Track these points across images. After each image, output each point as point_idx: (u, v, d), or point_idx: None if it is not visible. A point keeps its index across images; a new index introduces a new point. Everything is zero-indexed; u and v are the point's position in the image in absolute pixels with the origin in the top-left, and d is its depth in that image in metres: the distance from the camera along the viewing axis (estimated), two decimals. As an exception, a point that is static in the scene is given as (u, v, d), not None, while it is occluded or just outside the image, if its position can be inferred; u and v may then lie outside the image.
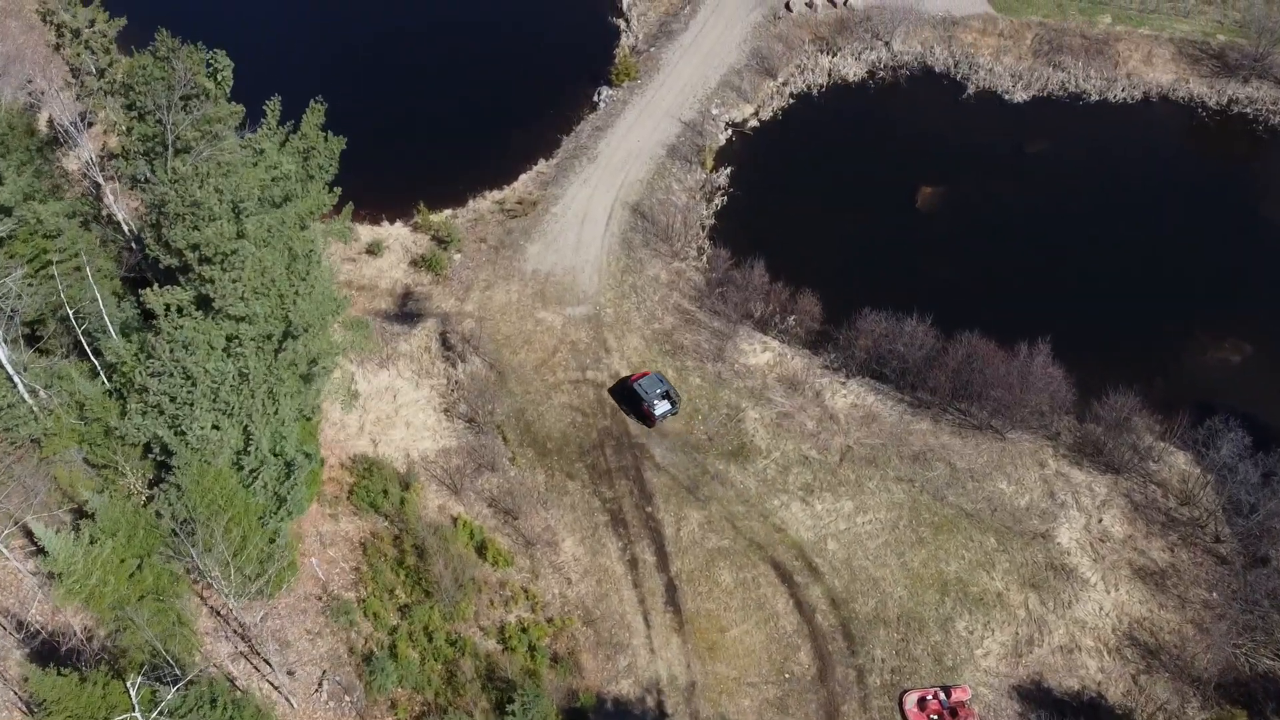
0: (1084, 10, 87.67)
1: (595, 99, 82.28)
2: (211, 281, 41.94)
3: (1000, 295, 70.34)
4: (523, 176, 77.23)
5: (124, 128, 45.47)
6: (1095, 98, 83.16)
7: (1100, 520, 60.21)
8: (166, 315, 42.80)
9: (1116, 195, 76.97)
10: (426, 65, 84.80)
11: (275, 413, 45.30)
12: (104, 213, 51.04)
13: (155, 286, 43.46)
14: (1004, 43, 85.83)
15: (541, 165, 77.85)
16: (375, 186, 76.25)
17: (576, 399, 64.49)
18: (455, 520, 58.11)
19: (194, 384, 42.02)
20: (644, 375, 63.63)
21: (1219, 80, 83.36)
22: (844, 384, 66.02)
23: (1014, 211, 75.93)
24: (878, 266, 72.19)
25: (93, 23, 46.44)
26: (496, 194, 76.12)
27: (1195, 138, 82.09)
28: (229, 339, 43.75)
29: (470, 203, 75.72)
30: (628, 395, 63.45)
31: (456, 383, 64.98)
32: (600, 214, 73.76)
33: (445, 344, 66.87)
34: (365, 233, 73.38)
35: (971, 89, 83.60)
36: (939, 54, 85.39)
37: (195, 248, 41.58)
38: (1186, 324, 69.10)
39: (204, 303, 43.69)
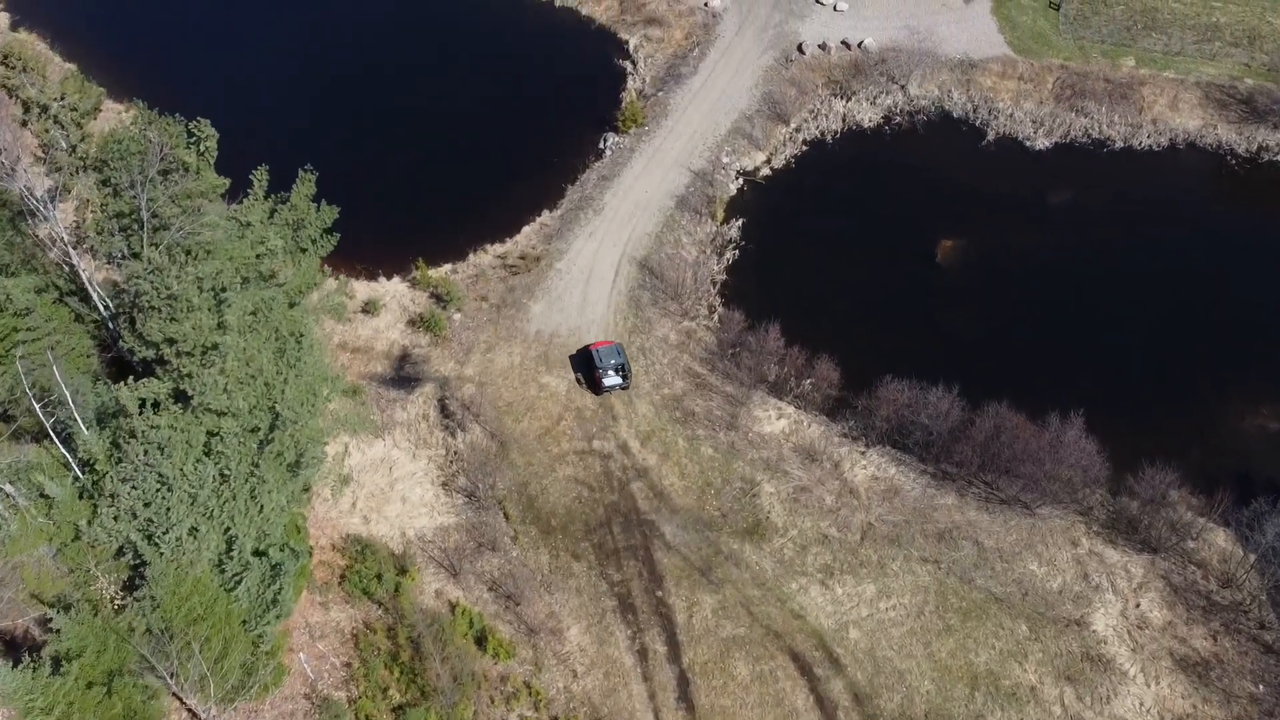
0: (1106, 53, 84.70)
1: (601, 146, 79.20)
2: (190, 376, 38.75)
3: (1026, 357, 67.05)
4: (525, 229, 74.07)
5: (98, 204, 42.35)
6: (1120, 144, 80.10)
7: (1138, 605, 56.79)
8: (141, 413, 39.59)
9: (1144, 248, 73.89)
10: (425, 111, 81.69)
11: (260, 511, 42.03)
12: (79, 287, 47.89)
13: (129, 380, 40.26)
14: (1024, 86, 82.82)
15: (545, 217, 74.70)
16: (372, 239, 73.46)
17: (582, 471, 61.14)
18: (454, 607, 54.68)
19: (169, 489, 38.80)
20: (606, 344, 64.57)
21: (1248, 126, 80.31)
22: (864, 454, 62.70)
23: (1038, 266, 72.71)
24: (898, 325, 68.93)
25: (63, 97, 43.49)
26: (498, 247, 72.95)
27: (1225, 187, 79.00)
28: (209, 435, 40.53)
29: (471, 257, 72.51)
30: (585, 360, 64.51)
31: (456, 453, 61.66)
32: (607, 270, 70.55)
33: (444, 411, 63.57)
34: (361, 289, 70.19)
35: (991, 135, 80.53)
36: (957, 98, 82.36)
37: (172, 342, 38.44)
38: (1221, 387, 65.82)
39: (183, 396, 40.52)
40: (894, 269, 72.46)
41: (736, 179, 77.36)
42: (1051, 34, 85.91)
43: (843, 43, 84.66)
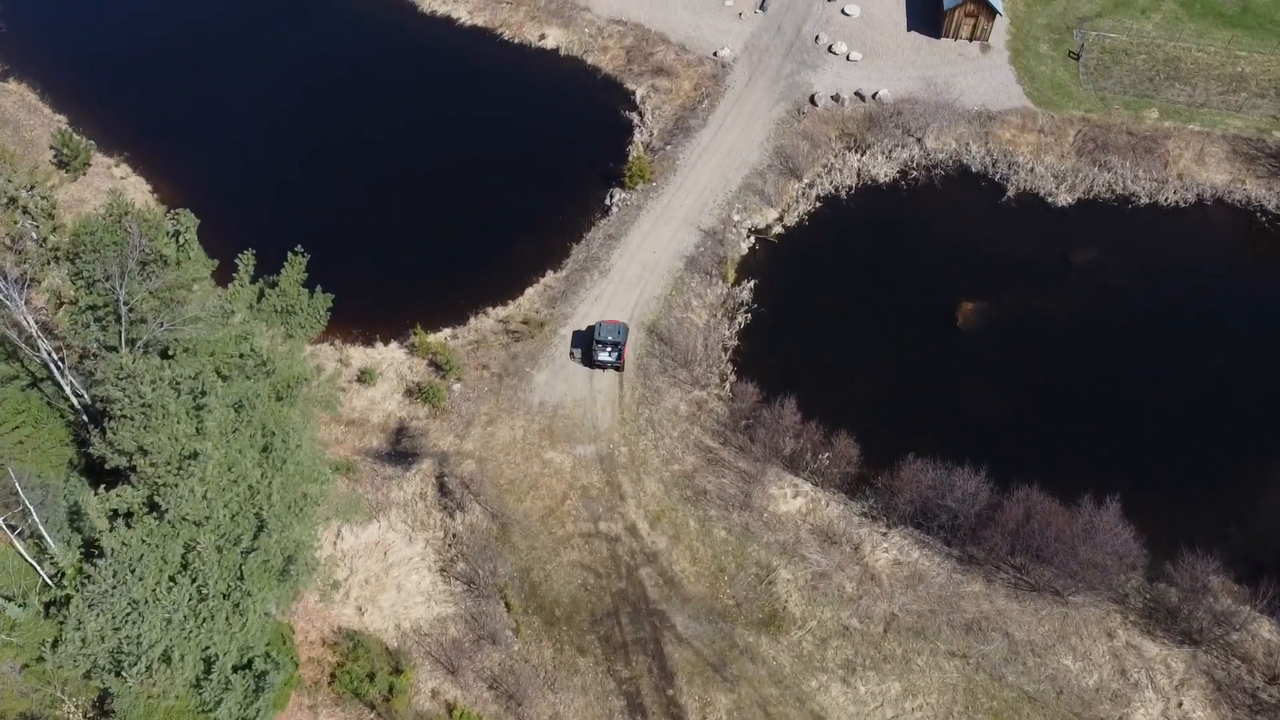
0: (1129, 104, 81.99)
1: (607, 203, 76.38)
2: (166, 487, 35.69)
3: (1054, 430, 63.88)
4: (529, 291, 71.11)
5: (71, 297, 39.45)
6: (1145, 200, 77.23)
7: (1180, 704, 53.34)
8: (112, 528, 36.47)
9: (1174, 312, 70.94)
10: (425, 166, 78.84)
11: (243, 626, 38.80)
12: (53, 375, 44.88)
13: (101, 489, 37.18)
14: (1045, 140, 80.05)
15: (549, 278, 71.75)
16: (369, 301, 70.69)
17: (588, 556, 57.85)
18: (451, 709, 51.27)
19: (141, 614, 35.61)
20: (614, 322, 65.43)
21: (1278, 181, 77.45)
22: (885, 535, 59.43)
23: (1062, 330, 69.70)
24: (918, 395, 65.84)
25: (32, 187, 40.69)
26: (500, 310, 69.96)
27: (1256, 245, 76.04)
28: (186, 548, 37.37)
29: (471, 321, 69.52)
30: (588, 335, 66.22)
31: (455, 536, 58.42)
32: (613, 337, 67.55)
33: (443, 490, 60.34)
34: (357, 356, 67.23)
35: (1011, 191, 77.67)
36: (975, 152, 79.56)
37: (145, 452, 35.41)
38: (1262, 463, 62.64)
39: (158, 505, 37.43)
40: (913, 333, 69.46)
41: (748, 238, 74.45)
42: (1072, 85, 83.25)
43: (856, 94, 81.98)
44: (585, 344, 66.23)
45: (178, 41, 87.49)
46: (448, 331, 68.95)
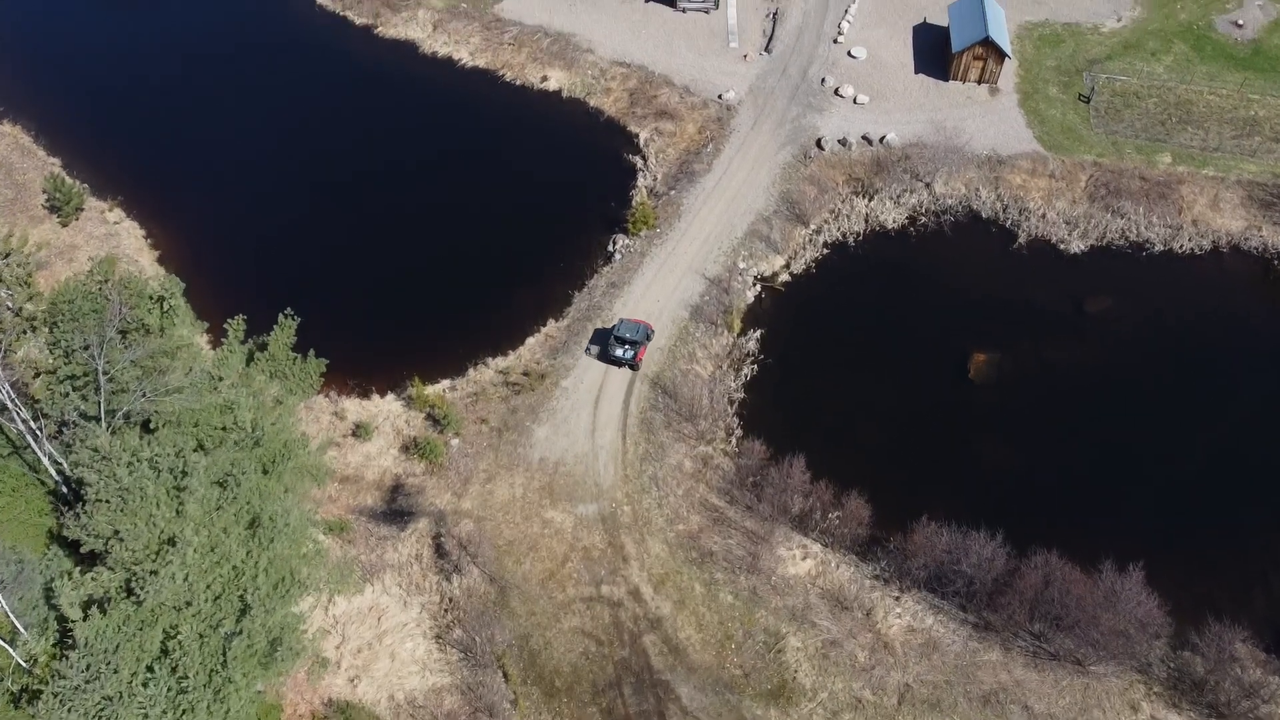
0: (1141, 149, 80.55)
1: (610, 249, 74.79)
2: (143, 576, 33.73)
3: (1071, 488, 61.85)
4: (529, 340, 69.34)
5: (49, 366, 37.70)
6: (1159, 248, 75.57)
7: (1208, 783, 51.01)
8: (86, 616, 34.46)
9: (1191, 363, 69.00)
10: (423, 212, 77.27)
11: (225, 715, 36.64)
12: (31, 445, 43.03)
13: (76, 572, 35.22)
14: (1056, 185, 78.54)
15: (551, 327, 70.00)
16: (366, 351, 69.10)
17: (590, 622, 55.67)
18: (446, 789, 49.03)
19: (117, 714, 33.52)
20: (638, 321, 66.03)
21: (1294, 228, 75.92)
22: (898, 599, 57.26)
23: (1077, 382, 67.80)
24: (930, 451, 63.80)
25: (7, 255, 39.05)
26: (500, 361, 68.16)
27: (1274, 293, 74.27)
28: (166, 635, 35.36)
29: (470, 372, 67.70)
30: (608, 330, 66.76)
31: (451, 600, 56.28)
32: (616, 390, 65.66)
33: (439, 551, 58.27)
34: (352, 409, 65.33)
35: (1023, 237, 76.05)
36: (985, 197, 78.05)
37: (122, 538, 33.51)
38: (1285, 522, 60.63)
39: (135, 591, 35.45)
40: (924, 385, 67.60)
41: (754, 286, 72.76)
42: (1082, 129, 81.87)
43: (864, 138, 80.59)
44: (603, 341, 66.29)
45: (176, 84, 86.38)
46: (446, 383, 67.13)
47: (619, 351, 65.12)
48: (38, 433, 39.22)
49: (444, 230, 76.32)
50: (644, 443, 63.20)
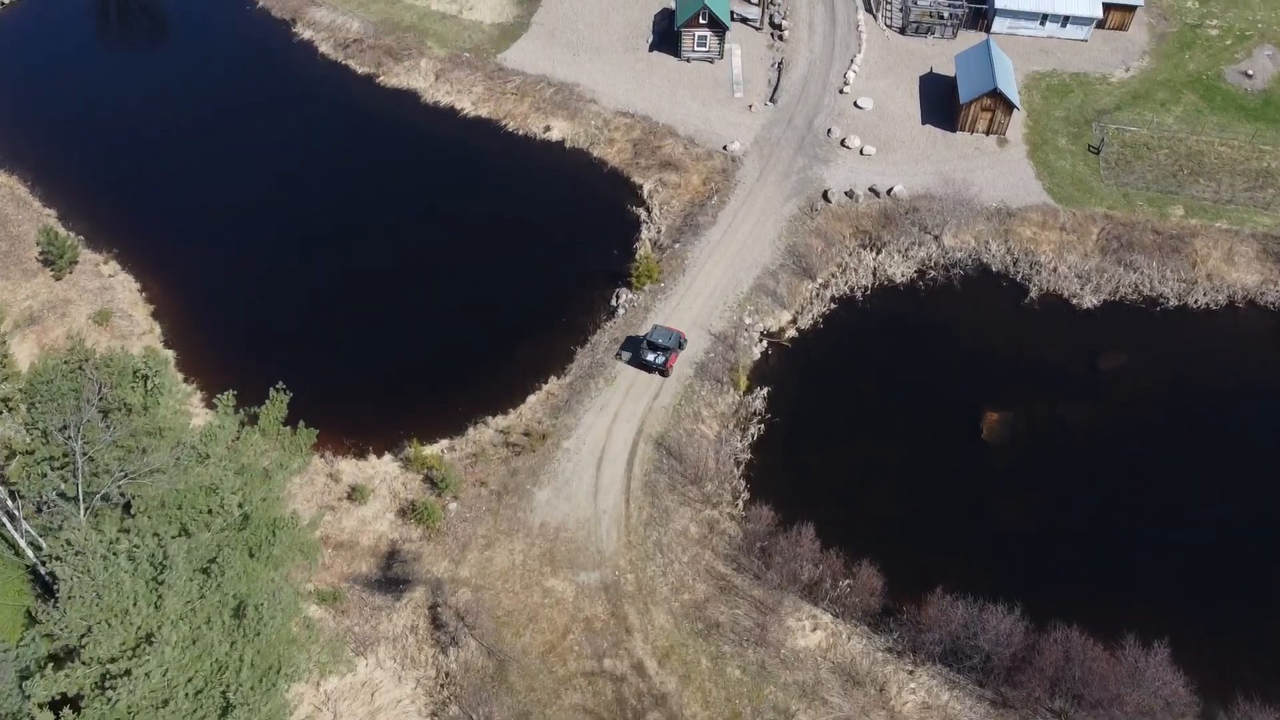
0: (1152, 201, 79.30)
1: (613, 303, 73.29)
2: (118, 676, 31.85)
3: (1090, 556, 59.95)
4: (530, 399, 67.62)
5: (26, 446, 36.05)
6: (1174, 302, 74.06)
7: None
8: (59, 717, 32.51)
9: (1211, 422, 67.19)
10: (422, 264, 75.89)
11: (204, 819, 34.53)
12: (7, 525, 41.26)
13: (49, 668, 33.33)
14: (1067, 238, 77.19)
15: (552, 384, 68.33)
16: (363, 409, 67.35)
17: (591, 698, 53.49)
18: None
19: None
20: (671, 329, 67.08)
21: (1311, 283, 74.43)
22: (912, 674, 55.08)
23: (1093, 443, 66.04)
24: (943, 516, 61.91)
25: (-16, 334, 37.51)
26: (500, 420, 66.38)
27: (1291, 350, 72.77)
28: (143, 736, 33.35)
29: (470, 431, 65.91)
30: (642, 335, 67.81)
31: (448, 675, 54.12)
32: (620, 450, 63.89)
33: (435, 622, 56.20)
34: (348, 470, 63.51)
35: (1034, 292, 74.56)
36: (995, 250, 76.67)
37: (95, 636, 31.66)
38: (1312, 592, 58.53)
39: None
40: (936, 446, 65.80)
41: (760, 342, 71.16)
42: (1093, 180, 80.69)
43: (871, 190, 79.39)
44: (635, 346, 67.54)
45: (175, 133, 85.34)
46: (445, 443, 65.32)
47: (650, 356, 66.08)
48: (14, 513, 37.50)
49: (445, 283, 74.92)
50: (648, 507, 61.31)
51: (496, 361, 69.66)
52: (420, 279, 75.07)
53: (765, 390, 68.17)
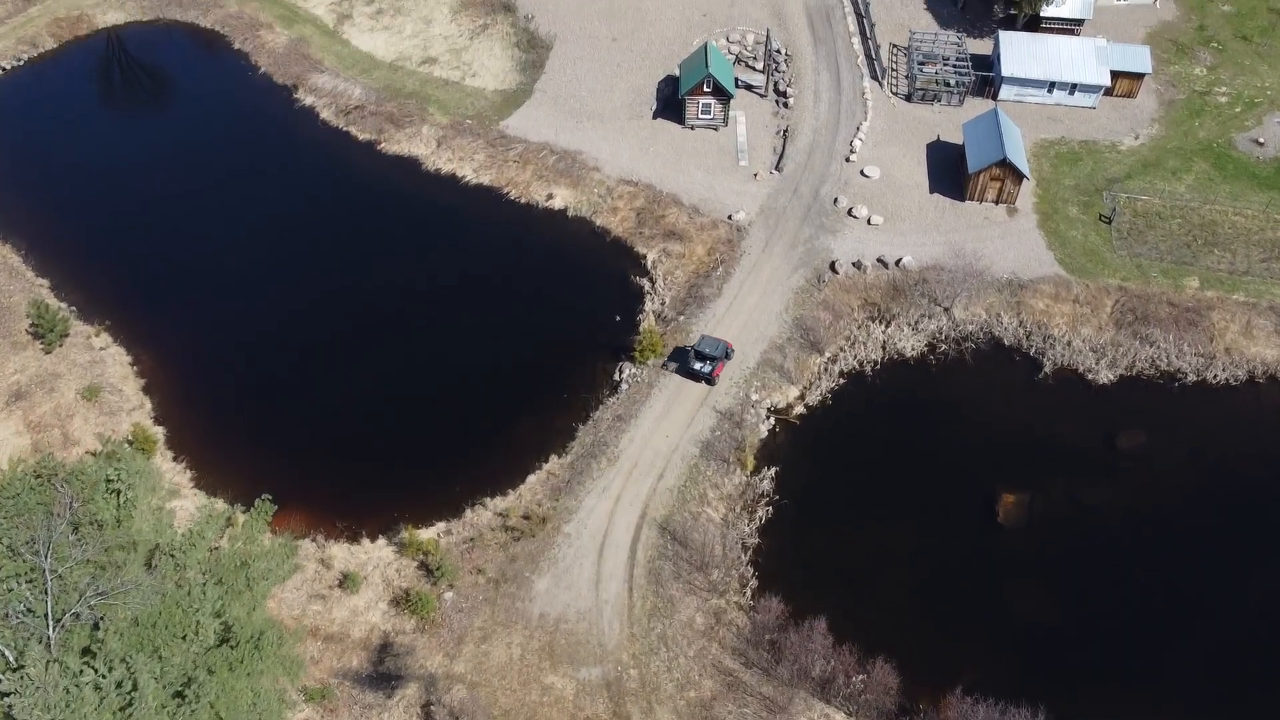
0: (1167, 272, 77.69)
1: (616, 378, 71.39)
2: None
3: (1113, 648, 57.30)
4: (530, 479, 65.43)
5: (-7, 562, 33.96)
6: (1192, 378, 72.08)
7: None
8: None
9: (1234, 504, 64.89)
10: (419, 335, 74.11)
11: None
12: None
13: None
14: (1080, 310, 75.43)
15: (553, 464, 66.18)
16: (357, 488, 65.32)
17: (592, 807, 50.72)
18: None
19: None
20: (719, 340, 69.22)
21: (1333, 357, 72.49)
22: (931, 779, 52.24)
23: (1113, 527, 63.71)
24: (961, 604, 59.44)
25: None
26: (499, 502, 64.13)
27: (1315, 428, 70.59)
28: None
29: (468, 513, 63.62)
30: (690, 346, 69.92)
31: (441, 780, 51.42)
32: (623, 535, 61.58)
33: (429, 722, 53.58)
34: (340, 556, 61.13)
35: (1048, 366, 72.62)
36: (1007, 323, 74.90)
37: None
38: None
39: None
40: (951, 530, 63.46)
41: (767, 419, 69.10)
42: (1105, 251, 79.16)
43: (879, 260, 77.83)
44: (683, 357, 69.59)
45: (172, 199, 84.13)
46: (441, 526, 63.03)
47: (697, 365, 68.19)
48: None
49: (443, 356, 73.09)
50: (652, 596, 58.84)
51: (496, 438, 67.61)
52: (418, 351, 73.26)
53: (773, 470, 65.97)
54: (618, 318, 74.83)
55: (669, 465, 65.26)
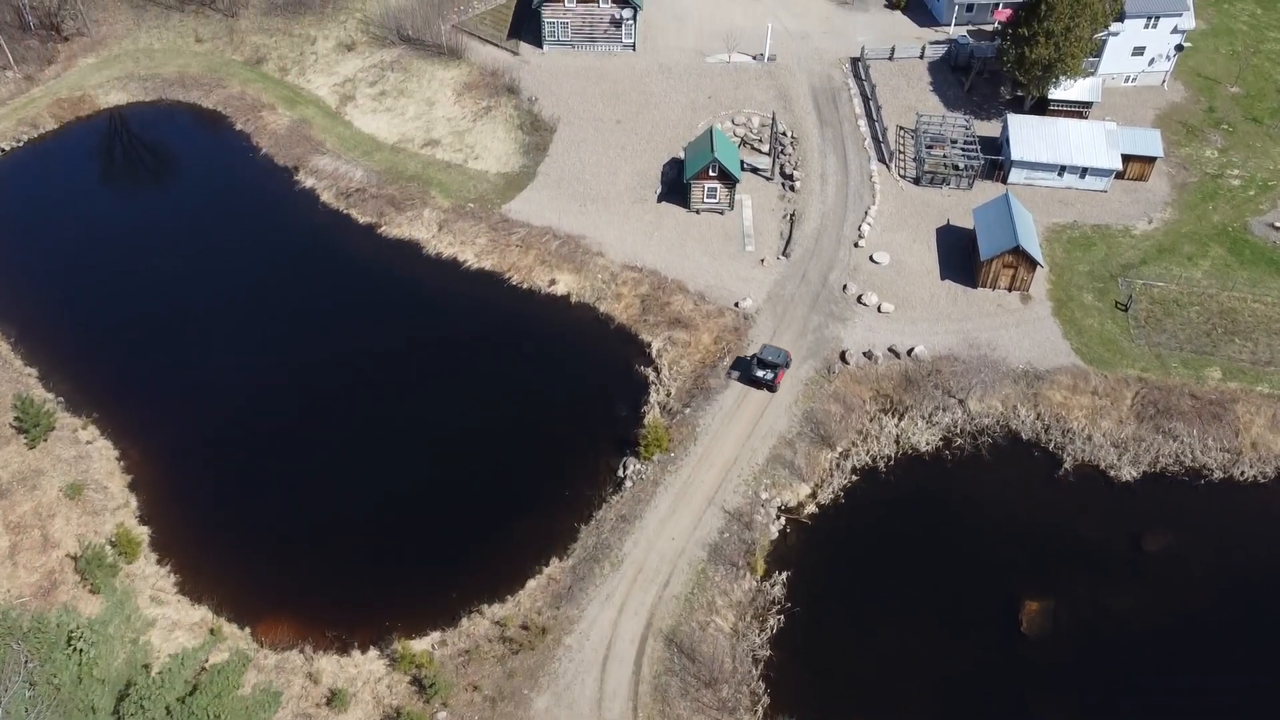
0: (1187, 362, 75.43)
1: (620, 474, 68.74)
2: None
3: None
4: (530, 584, 62.45)
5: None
6: (1218, 474, 69.40)
7: None
8: None
9: (1267, 610, 61.83)
10: (413, 428, 71.44)
11: None
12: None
13: None
14: (1100, 403, 73.01)
15: (554, 568, 63.23)
16: (348, 594, 62.34)
17: None
18: None
19: None
20: (780, 349, 73.53)
21: (1364, 453, 69.87)
22: None
23: (1142, 636, 60.62)
24: (984, 724, 56.20)
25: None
26: (497, 609, 61.05)
27: (1349, 529, 67.70)
28: None
29: (464, 622, 60.48)
30: (749, 358, 74.11)
31: None
32: (627, 649, 58.44)
33: None
34: (328, 670, 57.92)
35: (1069, 462, 69.99)
36: (1024, 416, 72.42)
37: None
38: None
39: None
40: (973, 641, 60.31)
41: (778, 519, 66.27)
42: (1123, 340, 77.01)
43: (890, 350, 75.67)
44: (745, 366, 73.45)
45: (166, 283, 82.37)
46: (435, 636, 59.88)
47: (760, 373, 72.07)
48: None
49: (441, 450, 70.50)
50: (658, 717, 55.49)
51: (494, 539, 64.79)
52: (415, 445, 70.65)
53: (784, 575, 62.98)
54: (623, 414, 72.54)
55: (675, 570, 62.35)
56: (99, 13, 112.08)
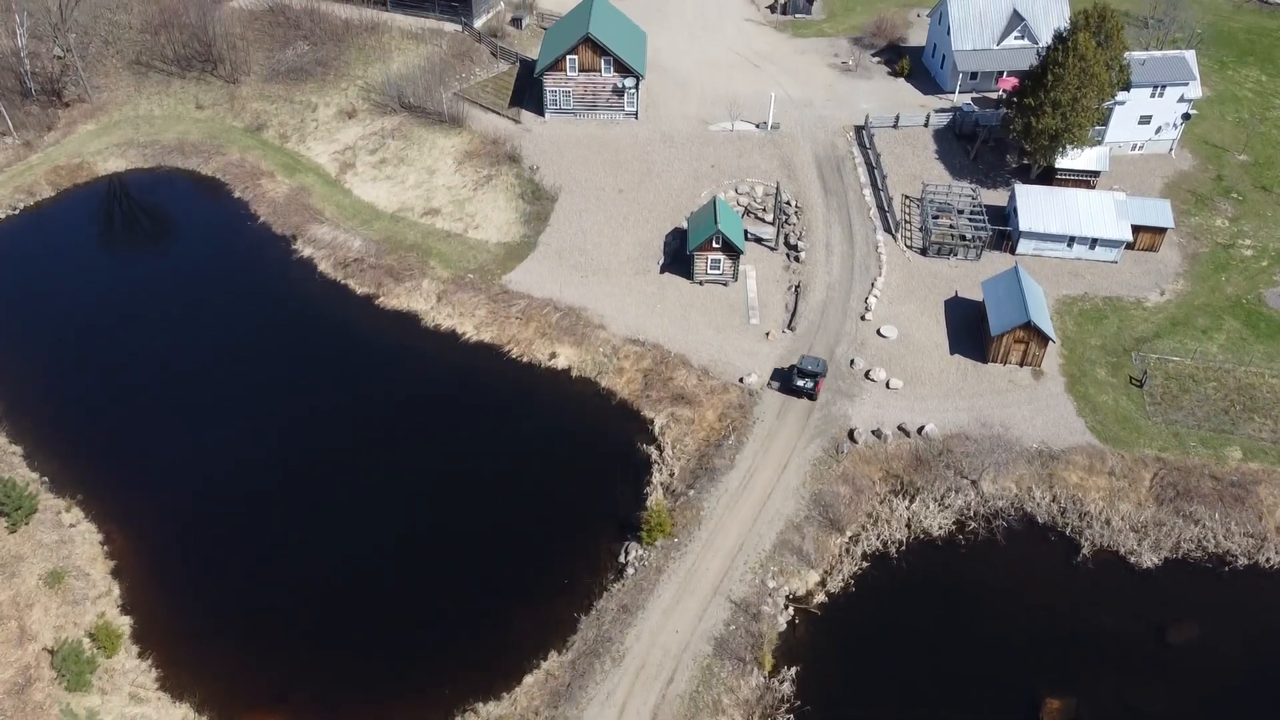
0: (1206, 441, 73.23)
1: (622, 560, 66.27)
2: None
3: None
4: (528, 679, 59.68)
5: None
6: (1243, 560, 66.88)
7: None
8: None
9: (1302, 711, 59.06)
10: (402, 509, 69.06)
11: None
12: None
13: None
14: (1117, 484, 70.71)
15: (552, 661, 60.52)
16: (336, 691, 59.58)
17: None
18: None
19: None
20: (818, 358, 75.28)
21: (1393, 538, 67.38)
22: None
23: (1172, 736, 57.77)
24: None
25: None
26: (493, 708, 58.21)
27: (1382, 620, 64.99)
28: None
29: (457, 722, 57.92)
30: (788, 369, 76.33)
31: None
32: (628, 753, 55.74)
33: None
34: (314, 775, 55.24)
35: (1086, 548, 67.49)
36: (1039, 498, 70.12)
37: None
38: None
39: None
40: (992, 742, 57.50)
41: (786, 609, 63.63)
42: (1139, 417, 74.89)
43: (900, 428, 73.54)
44: (784, 377, 75.62)
45: (157, 356, 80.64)
46: (427, 737, 57.16)
47: (800, 383, 74.07)
48: None
49: (435, 534, 68.03)
50: (661, 828, 52.60)
51: (490, 630, 62.13)
52: (407, 530, 68.15)
53: (793, 670, 60.14)
54: (625, 492, 70.18)
55: (679, 666, 59.62)
56: (100, 78, 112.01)
